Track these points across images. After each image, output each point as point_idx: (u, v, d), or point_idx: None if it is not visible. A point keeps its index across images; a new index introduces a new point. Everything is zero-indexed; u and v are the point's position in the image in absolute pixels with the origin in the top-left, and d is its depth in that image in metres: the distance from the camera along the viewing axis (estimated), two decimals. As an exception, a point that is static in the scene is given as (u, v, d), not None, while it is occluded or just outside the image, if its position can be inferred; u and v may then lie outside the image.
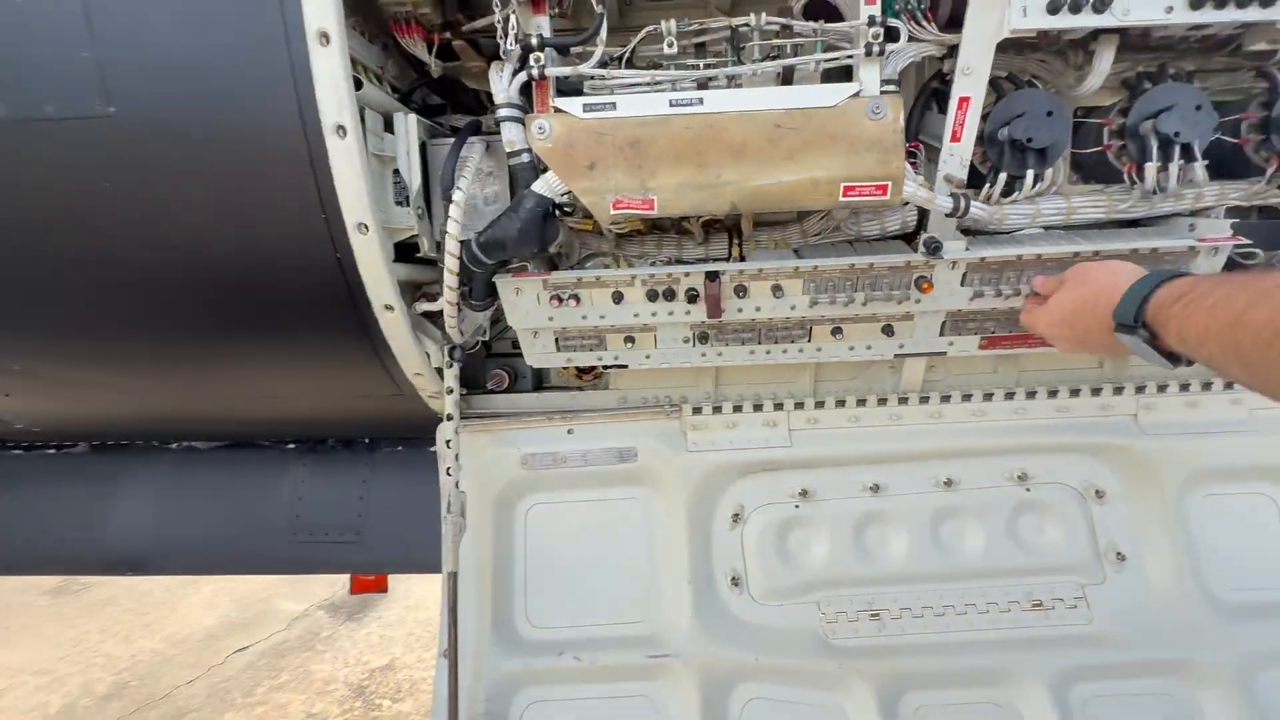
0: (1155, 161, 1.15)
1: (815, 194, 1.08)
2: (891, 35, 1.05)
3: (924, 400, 1.43)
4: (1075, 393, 1.40)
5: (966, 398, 1.42)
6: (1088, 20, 1.02)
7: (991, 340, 1.33)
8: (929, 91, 1.26)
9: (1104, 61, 1.11)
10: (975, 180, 1.20)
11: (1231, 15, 1.01)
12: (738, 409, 1.46)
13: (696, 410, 1.45)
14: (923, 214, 1.25)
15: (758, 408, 1.46)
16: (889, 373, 1.48)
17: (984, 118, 1.16)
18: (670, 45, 1.09)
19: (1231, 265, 1.21)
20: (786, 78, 1.12)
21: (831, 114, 1.05)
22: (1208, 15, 1.01)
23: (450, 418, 1.36)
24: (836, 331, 1.32)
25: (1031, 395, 1.41)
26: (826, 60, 1.07)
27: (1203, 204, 1.26)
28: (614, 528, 1.43)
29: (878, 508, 1.42)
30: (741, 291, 1.23)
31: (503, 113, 1.09)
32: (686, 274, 1.22)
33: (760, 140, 1.06)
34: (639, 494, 1.45)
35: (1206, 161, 1.16)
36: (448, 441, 1.37)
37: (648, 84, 1.09)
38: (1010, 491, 1.41)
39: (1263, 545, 1.38)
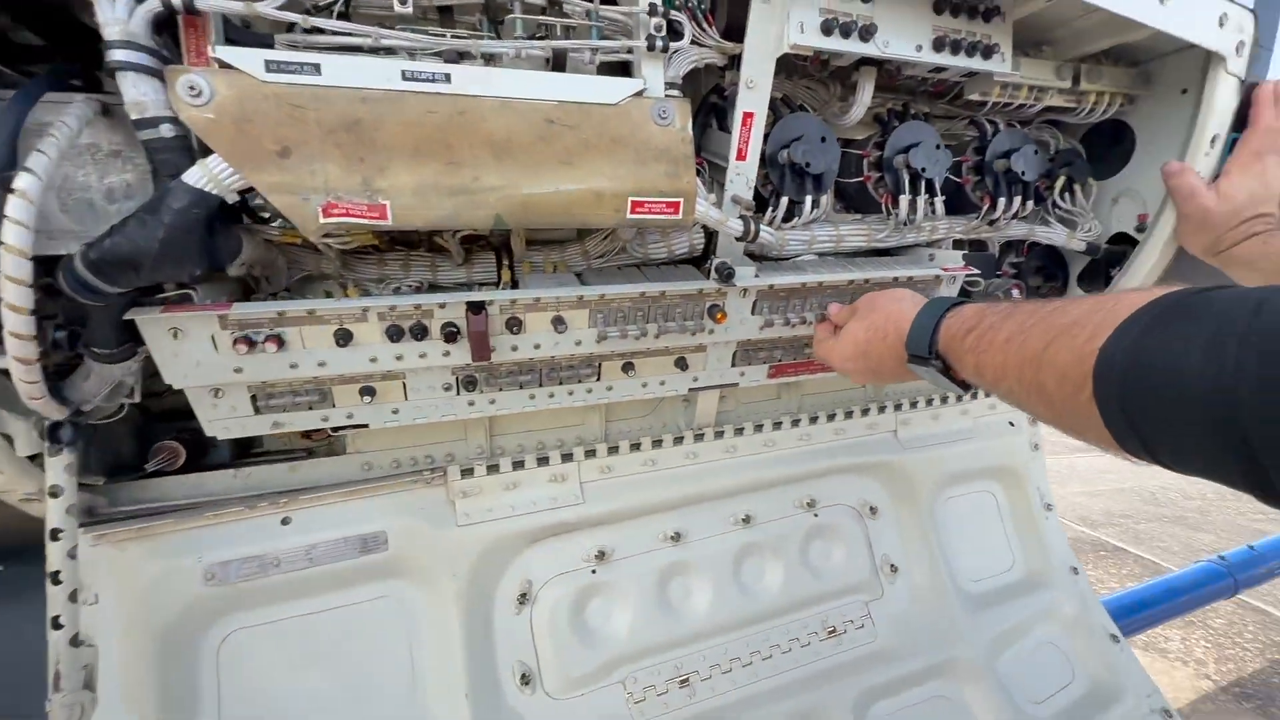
0: (907, 194, 1.21)
1: (599, 208, 0.88)
2: (675, 31, 0.92)
3: (719, 434, 1.34)
4: (849, 414, 1.44)
5: (758, 428, 1.36)
6: (855, 46, 1.00)
7: (778, 369, 1.29)
8: (708, 106, 1.17)
9: (866, 93, 1.12)
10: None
11: (962, 62, 1.08)
12: (519, 465, 1.20)
13: (466, 472, 1.16)
14: (709, 237, 1.15)
15: (543, 461, 1.22)
16: (682, 408, 1.36)
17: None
18: (404, 1, 0.81)
19: (964, 291, 1.33)
20: (555, 65, 0.91)
21: (614, 113, 0.87)
22: (945, 59, 1.07)
23: (58, 535, 0.85)
24: (628, 367, 1.15)
25: (814, 420, 1.41)
26: (604, 51, 0.89)
27: (936, 236, 1.37)
28: (357, 643, 1.06)
29: (679, 558, 1.28)
30: (515, 325, 0.98)
31: (118, 56, 0.69)
32: (442, 305, 0.93)
33: (530, 137, 0.83)
34: (392, 590, 1.10)
35: (944, 197, 1.25)
36: (56, 573, 0.86)
37: (370, 47, 0.79)
38: (801, 519, 1.39)
39: (988, 536, 1.57)
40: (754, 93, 1.00)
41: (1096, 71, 1.29)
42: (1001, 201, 1.30)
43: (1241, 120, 1.22)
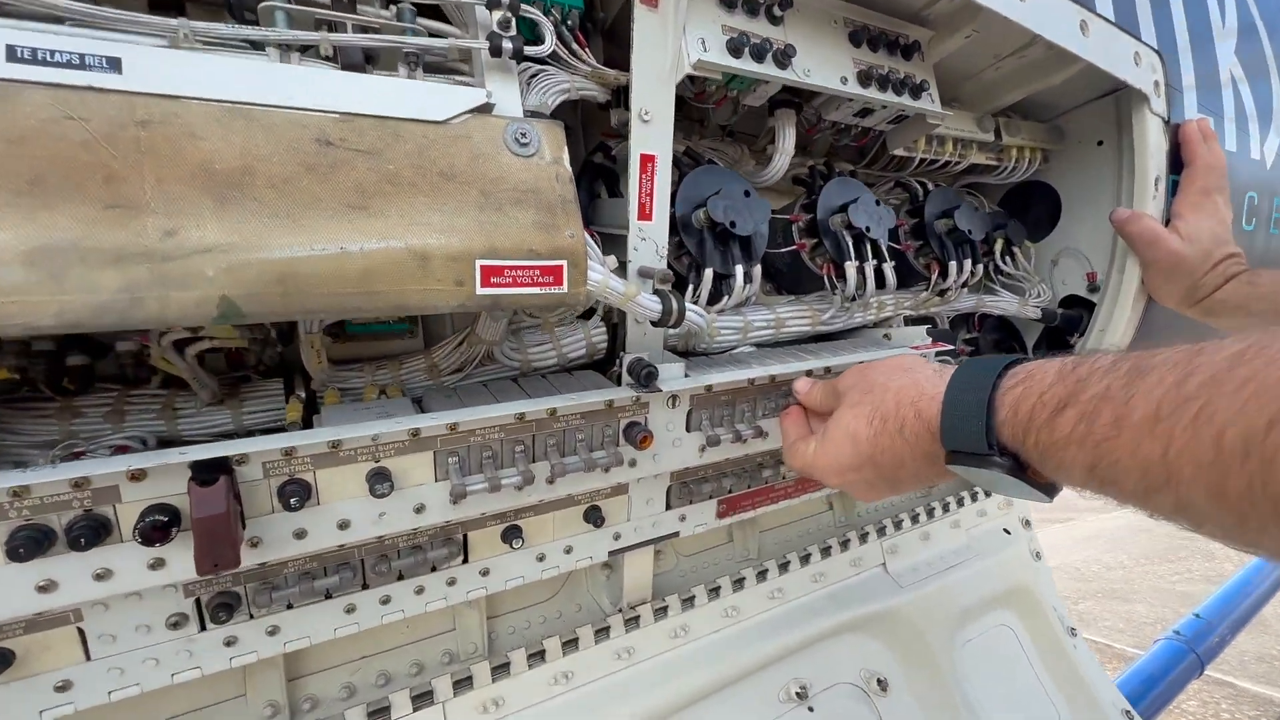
0: (853, 260, 0.96)
1: (426, 280, 0.53)
2: (533, 34, 0.64)
3: (660, 613, 0.92)
4: (825, 550, 1.08)
5: (713, 592, 0.96)
6: (771, 71, 0.77)
7: (729, 503, 0.92)
8: (592, 169, 0.89)
9: (788, 138, 0.90)
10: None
11: (893, 99, 0.89)
12: (338, 730, 0.71)
13: (236, 766, 0.66)
14: (614, 330, 0.82)
15: (379, 715, 0.73)
16: (603, 580, 0.94)
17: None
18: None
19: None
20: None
21: (443, 136, 0.55)
22: (875, 94, 0.87)
23: None
24: (512, 535, 0.74)
25: (784, 567, 1.03)
26: (427, 56, 0.58)
27: (885, 314, 1.13)
28: None
29: (626, 837, 0.79)
30: (299, 494, 0.56)
31: None
32: (136, 475, 0.50)
33: (287, 167, 0.48)
34: None
35: (893, 263, 1.02)
36: None
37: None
38: (794, 718, 0.96)
39: (1018, 683, 1.20)
40: (652, 128, 0.72)
41: (1014, 125, 1.18)
42: (953, 266, 1.10)
43: (1174, 163, 1.12)
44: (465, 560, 0.73)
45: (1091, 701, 1.20)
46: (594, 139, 0.92)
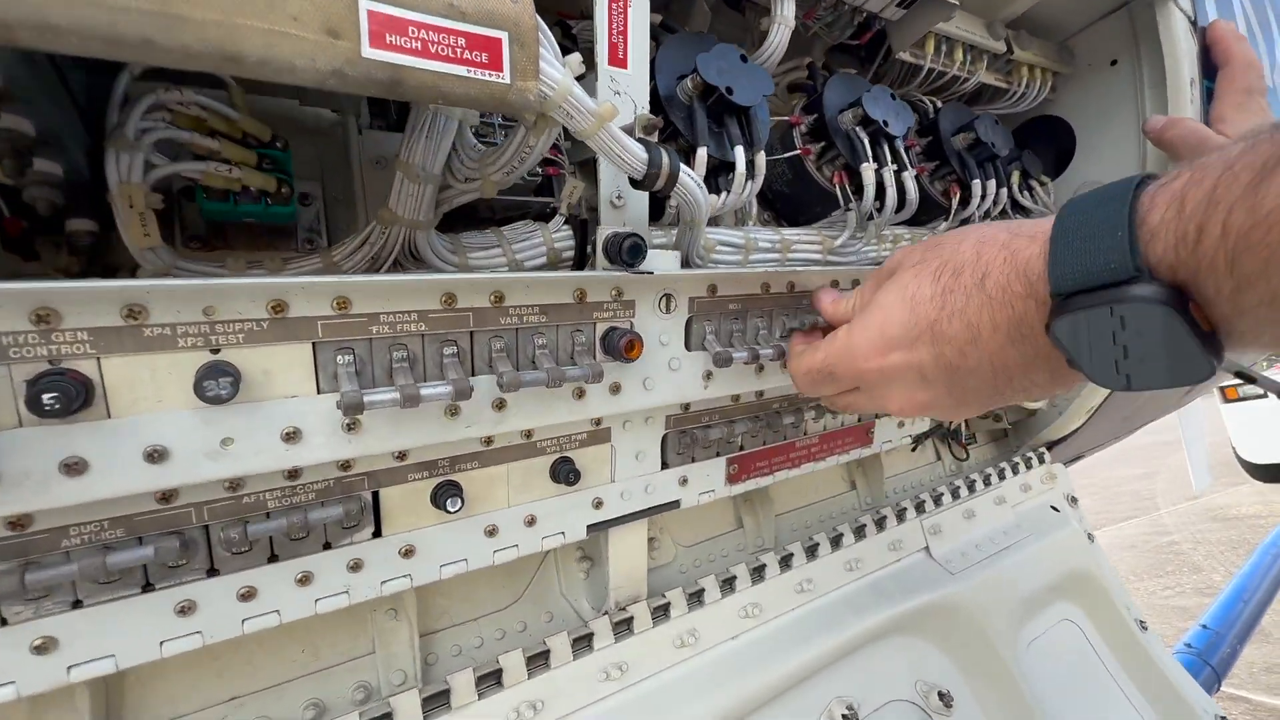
0: (871, 163, 0.79)
1: (269, 15, 0.32)
2: None
3: (659, 615, 0.68)
4: (859, 530, 0.87)
5: (727, 585, 0.73)
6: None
7: (744, 464, 0.71)
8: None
9: (787, 4, 0.73)
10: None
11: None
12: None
13: None
14: (581, 233, 0.62)
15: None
16: (580, 575, 0.71)
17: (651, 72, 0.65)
18: None
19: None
20: None
21: None
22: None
23: None
24: (446, 494, 0.51)
25: (812, 552, 0.81)
26: None
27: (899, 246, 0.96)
28: None
29: None
30: (64, 394, 0.33)
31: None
32: None
33: None
34: None
35: (914, 173, 0.85)
36: None
37: None
38: (840, 752, 0.72)
39: (1098, 694, 0.98)
40: (622, -61, 0.55)
41: (1025, 39, 1.05)
42: (975, 185, 0.94)
43: (1206, 68, 1.00)
44: (377, 532, 0.50)
45: (1186, 711, 0.99)
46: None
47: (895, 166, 0.82)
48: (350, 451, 0.43)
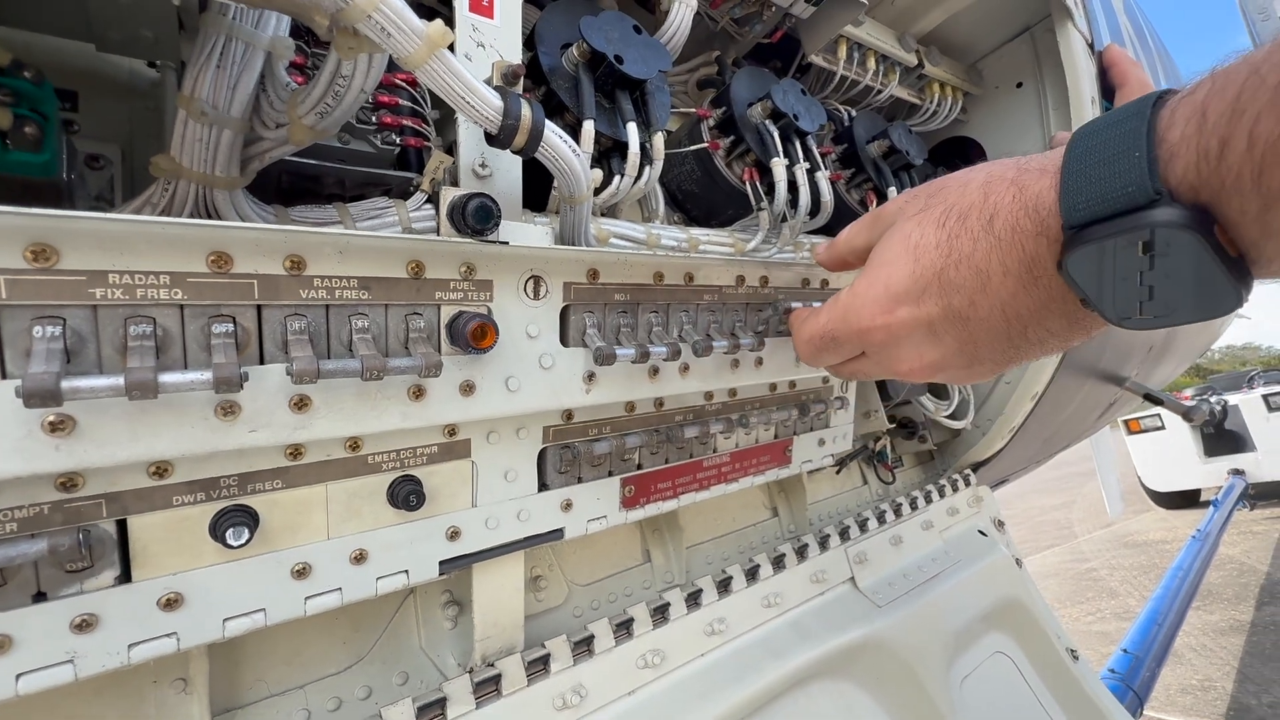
0: (782, 158, 0.74)
1: None
2: None
3: (536, 668, 0.57)
4: (778, 562, 0.78)
5: (623, 630, 0.62)
6: None
7: (641, 485, 0.61)
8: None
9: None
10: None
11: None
12: None
13: None
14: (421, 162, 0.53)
15: None
16: (446, 628, 0.59)
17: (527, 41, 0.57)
18: None
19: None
20: None
21: None
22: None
23: None
24: (228, 522, 0.39)
25: (724, 585, 0.72)
26: None
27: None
28: None
29: None
30: None
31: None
32: None
33: None
34: None
35: (828, 173, 0.81)
36: None
37: None
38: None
39: (1021, 712, 0.92)
40: None
41: (936, 56, 1.05)
42: (892, 192, 0.91)
43: (1104, 90, 1.03)
44: (125, 577, 0.37)
45: (1118, 743, 0.94)
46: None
47: (808, 165, 0.77)
48: (56, 463, 0.31)
